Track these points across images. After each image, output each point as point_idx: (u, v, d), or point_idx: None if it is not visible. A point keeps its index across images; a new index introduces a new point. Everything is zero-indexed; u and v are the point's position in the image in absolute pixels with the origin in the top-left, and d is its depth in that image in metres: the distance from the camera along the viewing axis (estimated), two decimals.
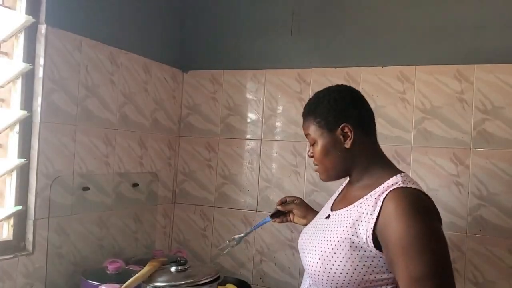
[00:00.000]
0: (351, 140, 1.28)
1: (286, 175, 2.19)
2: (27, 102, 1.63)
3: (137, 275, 1.54)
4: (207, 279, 1.56)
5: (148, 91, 2.17)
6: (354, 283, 1.19)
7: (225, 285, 2.04)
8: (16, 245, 1.60)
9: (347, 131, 1.28)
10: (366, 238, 1.18)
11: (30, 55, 1.64)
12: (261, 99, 2.25)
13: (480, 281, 1.84)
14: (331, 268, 1.21)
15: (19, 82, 1.61)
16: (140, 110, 2.13)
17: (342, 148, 1.29)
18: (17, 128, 1.60)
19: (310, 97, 1.41)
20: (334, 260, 1.21)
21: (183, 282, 1.52)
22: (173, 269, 1.59)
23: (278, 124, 2.22)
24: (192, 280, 1.53)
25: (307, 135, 1.36)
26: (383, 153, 1.36)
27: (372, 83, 2.03)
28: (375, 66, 2.03)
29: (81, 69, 1.80)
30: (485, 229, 1.84)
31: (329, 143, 1.30)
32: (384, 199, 1.18)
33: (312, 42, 2.15)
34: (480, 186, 1.86)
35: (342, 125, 1.28)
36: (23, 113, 1.59)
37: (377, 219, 1.17)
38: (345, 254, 1.20)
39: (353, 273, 1.18)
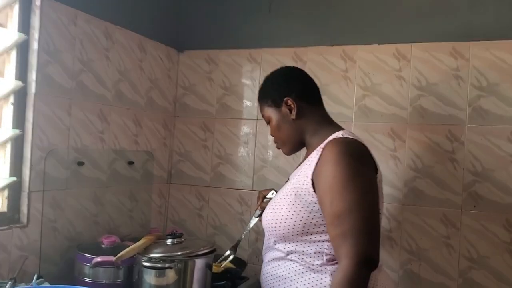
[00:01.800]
0: (295, 111, 1.44)
1: (282, 154, 2.17)
2: (22, 74, 1.62)
3: (132, 246, 1.54)
4: (203, 250, 1.56)
5: (143, 69, 2.16)
6: (299, 226, 1.32)
7: (226, 263, 2.03)
8: (10, 217, 1.59)
9: (290, 104, 1.44)
10: (306, 184, 1.32)
11: (25, 27, 1.62)
12: (257, 78, 2.25)
13: (474, 256, 1.85)
14: (278, 215, 1.36)
15: (13, 53, 1.60)
16: (135, 88, 2.11)
17: (290, 120, 1.45)
18: (11, 99, 1.59)
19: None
20: (281, 208, 1.36)
21: (179, 253, 1.52)
22: (169, 241, 1.58)
23: None
24: (188, 251, 1.53)
25: (263, 116, 1.54)
26: (330, 118, 1.51)
27: (369, 60, 2.03)
28: (371, 44, 2.03)
29: (76, 43, 1.78)
30: (479, 205, 1.85)
31: (279, 118, 1.47)
32: (323, 149, 1.33)
33: (308, 21, 2.15)
34: (475, 162, 1.86)
35: (285, 99, 1.44)
36: (18, 83, 1.58)
37: (315, 165, 1.31)
38: (290, 201, 1.34)
39: (297, 217, 1.32)
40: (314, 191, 1.30)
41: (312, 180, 1.31)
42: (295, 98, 1.44)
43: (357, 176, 1.25)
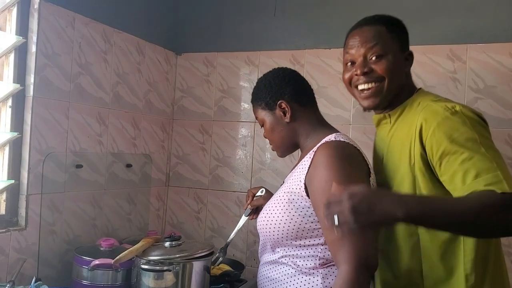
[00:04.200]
0: (290, 114, 1.41)
1: None
2: (20, 77, 1.62)
3: (131, 248, 1.54)
4: (201, 253, 1.56)
5: (141, 72, 2.16)
6: (293, 231, 1.30)
7: (219, 265, 2.03)
8: (8, 220, 1.59)
9: (284, 107, 1.42)
10: (299, 189, 1.31)
11: (23, 30, 1.63)
12: (255, 81, 2.23)
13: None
14: (272, 220, 1.34)
15: (12, 56, 1.60)
16: (133, 90, 2.12)
17: (284, 123, 1.43)
18: (10, 102, 1.59)
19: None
20: (275, 212, 1.34)
21: (177, 256, 1.52)
22: (167, 244, 1.58)
23: None
24: (186, 254, 1.53)
25: (257, 118, 1.51)
26: (323, 119, 1.49)
27: None
28: None
29: (74, 45, 1.79)
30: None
31: (273, 121, 1.45)
32: (315, 152, 1.31)
33: (306, 23, 2.16)
34: None
35: (279, 102, 1.42)
36: (16, 86, 1.58)
37: (308, 169, 1.30)
38: (283, 206, 1.33)
39: (290, 222, 1.30)
40: (308, 195, 1.29)
41: (305, 184, 1.30)
42: (288, 100, 1.42)
43: (350, 179, 1.22)
